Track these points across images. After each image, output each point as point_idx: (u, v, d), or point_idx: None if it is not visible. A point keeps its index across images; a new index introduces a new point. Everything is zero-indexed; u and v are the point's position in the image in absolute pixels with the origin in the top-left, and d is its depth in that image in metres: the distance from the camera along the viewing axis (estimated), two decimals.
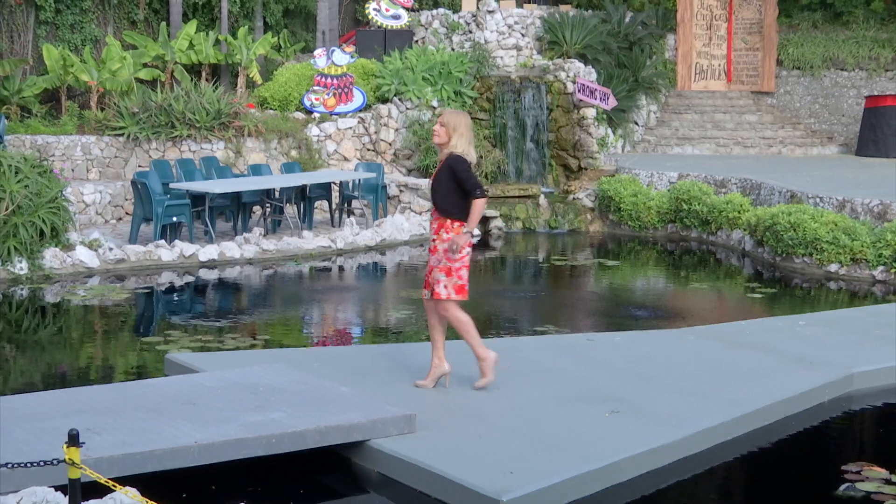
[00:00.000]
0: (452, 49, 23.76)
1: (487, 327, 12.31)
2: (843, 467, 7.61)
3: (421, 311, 13.10)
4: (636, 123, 25.04)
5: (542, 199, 20.47)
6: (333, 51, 21.67)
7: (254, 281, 15.16)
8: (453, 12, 24.79)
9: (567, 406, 8.34)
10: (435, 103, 21.59)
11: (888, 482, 7.35)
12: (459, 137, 8.44)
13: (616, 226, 19.84)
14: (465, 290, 8.61)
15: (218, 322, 12.33)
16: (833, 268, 15.37)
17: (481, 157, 20.78)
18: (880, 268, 15.06)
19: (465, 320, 8.61)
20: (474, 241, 8.93)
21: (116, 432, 7.08)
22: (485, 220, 19.47)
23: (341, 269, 16.32)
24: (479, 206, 8.41)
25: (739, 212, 17.90)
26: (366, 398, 8.02)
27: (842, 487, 7.29)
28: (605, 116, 22.91)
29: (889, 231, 15.11)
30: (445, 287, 8.54)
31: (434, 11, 24.80)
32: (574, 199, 20.63)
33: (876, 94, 25.06)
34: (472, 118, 21.30)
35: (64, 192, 15.29)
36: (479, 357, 8.71)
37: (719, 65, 26.82)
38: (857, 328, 11.25)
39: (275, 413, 7.57)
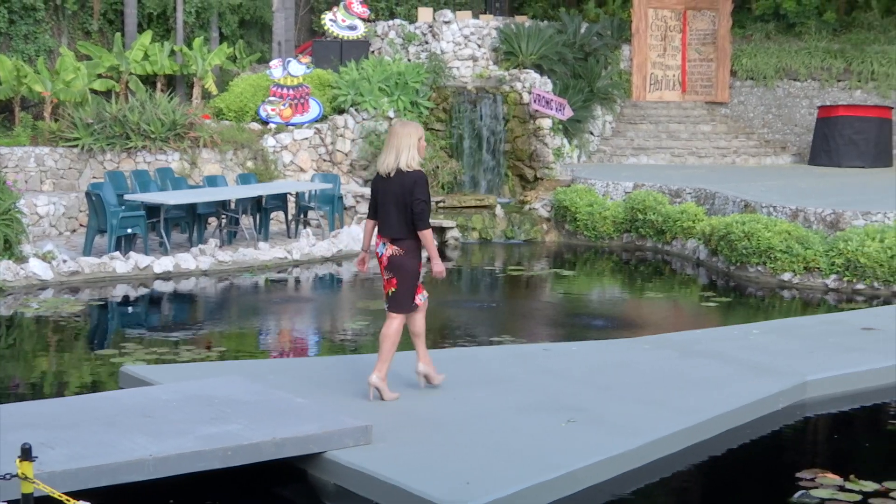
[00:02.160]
0: (409, 60, 23.78)
1: (445, 337, 12.32)
2: (798, 474, 7.67)
3: (377, 322, 13.10)
4: (592, 134, 25.15)
5: (499, 210, 20.52)
6: (289, 61, 21.64)
7: (209, 293, 15.09)
8: (409, 23, 24.82)
9: (524, 415, 8.36)
10: (391, 114, 21.60)
11: (842, 489, 7.41)
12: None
13: (572, 235, 19.92)
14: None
15: (173, 334, 12.27)
16: (786, 276, 15.51)
17: (437, 167, 20.80)
18: (833, 276, 15.20)
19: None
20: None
21: (70, 446, 7.02)
22: (441, 231, 19.49)
23: (297, 280, 16.28)
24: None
25: (694, 221, 18.02)
26: (322, 410, 8.01)
27: (797, 495, 7.35)
28: (560, 127, 23.00)
29: (841, 240, 15.26)
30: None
31: (390, 22, 24.82)
32: (530, 209, 20.70)
33: (828, 104, 25.32)
34: (427, 129, 21.53)
35: (17, 204, 15.17)
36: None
37: (674, 75, 27.01)
38: (811, 336, 11.35)
39: (231, 425, 7.54)
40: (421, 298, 8.78)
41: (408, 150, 8.42)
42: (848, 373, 10.00)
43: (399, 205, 8.38)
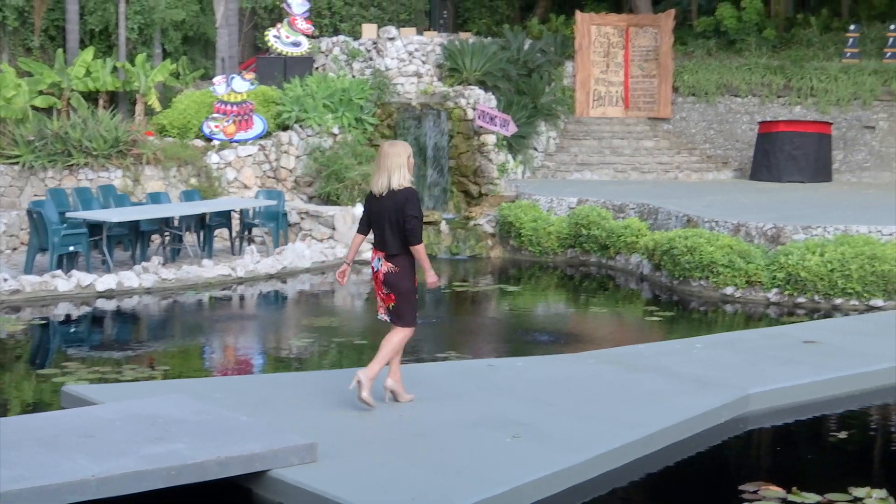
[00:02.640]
0: (353, 76, 23.78)
1: None
2: (741, 487, 7.73)
3: (322, 339, 13.09)
4: (536, 149, 25.27)
5: (444, 226, 20.56)
6: (233, 78, 21.56)
7: (153, 311, 14.99)
8: (354, 39, 24.82)
9: (469, 431, 8.37)
10: (336, 130, 21.59)
11: (785, 501, 7.49)
12: None
13: (517, 251, 19.98)
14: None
15: (116, 353, 12.17)
16: (729, 290, 15.65)
17: None
18: (774, 290, 15.37)
19: None
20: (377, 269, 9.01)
21: (12, 467, 6.94)
22: None
23: (242, 297, 16.21)
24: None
25: (637, 236, 18.15)
26: (267, 428, 7.98)
27: None
28: (505, 143, 23.10)
29: (782, 254, 15.44)
30: None
31: (334, 38, 24.81)
32: (475, 224, 20.75)
33: (768, 119, 25.60)
34: (372, 145, 21.54)
35: None
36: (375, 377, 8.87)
37: (617, 91, 27.21)
38: (753, 349, 11.46)
39: (175, 444, 7.49)
40: (387, 318, 9.12)
41: (399, 169, 8.74)
42: (789, 386, 10.11)
43: (392, 222, 8.73)
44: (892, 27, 26.58)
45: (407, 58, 24.43)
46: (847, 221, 16.53)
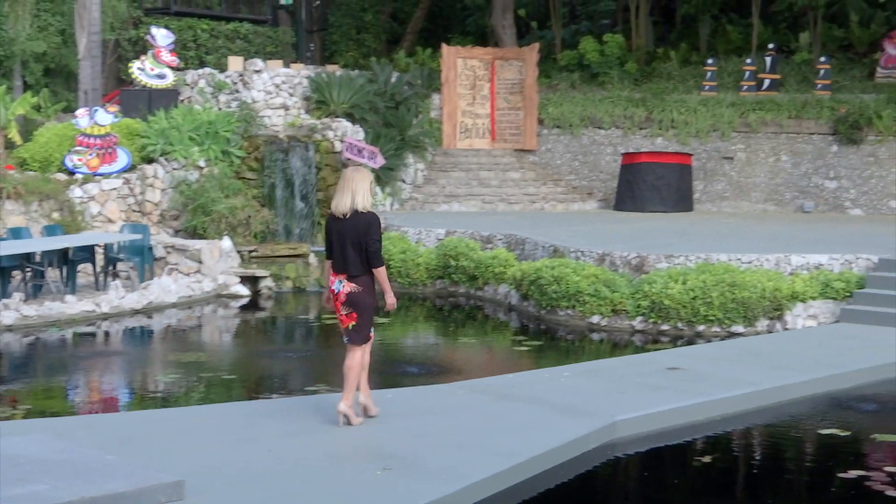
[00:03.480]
0: (219, 108, 23.62)
1: (259, 389, 12.21)
2: None
3: (190, 375, 12.91)
4: (404, 181, 25.37)
5: (312, 258, 20.49)
6: (96, 110, 21.24)
7: (14, 349, 14.62)
8: (220, 71, 24.66)
9: (338, 465, 8.34)
10: (202, 163, 21.39)
11: None
12: None
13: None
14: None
15: None
16: (595, 319, 15.89)
17: (249, 217, 20.64)
18: (639, 318, 15.65)
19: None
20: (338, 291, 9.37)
21: None
22: (254, 280, 19.35)
23: (107, 333, 15.91)
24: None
25: (505, 267, 18.32)
26: (133, 466, 7.83)
27: None
28: (373, 175, 23.12)
29: (646, 283, 15.74)
30: None
31: (200, 70, 24.61)
32: None
33: (631, 150, 26.12)
34: (239, 178, 21.39)
35: None
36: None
37: (483, 124, 27.50)
38: (619, 377, 11.64)
39: (37, 485, 7.30)
40: (345, 339, 9.45)
41: (362, 193, 9.06)
42: (655, 412, 10.29)
43: (355, 244, 9.05)
44: (748, 61, 27.38)
45: (274, 90, 24.36)
46: (708, 250, 16.92)
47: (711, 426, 10.43)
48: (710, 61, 27.70)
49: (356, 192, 9.04)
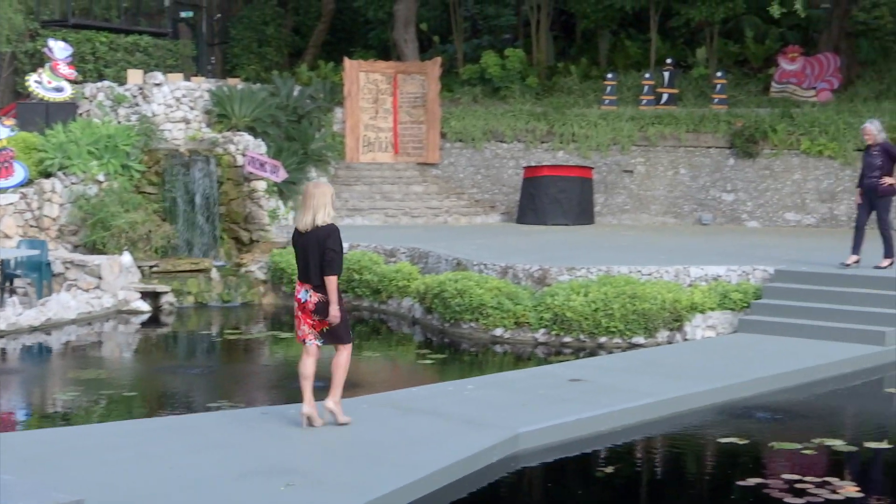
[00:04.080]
0: (119, 122, 23.32)
1: (160, 406, 12.08)
2: None
3: (89, 393, 12.72)
4: None
5: (214, 273, 20.31)
6: None
7: None
8: (119, 85, 24.35)
9: (242, 482, 8.27)
10: (101, 177, 21.09)
11: None
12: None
13: (289, 298, 19.85)
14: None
15: None
16: (498, 332, 15.99)
17: (150, 231, 20.41)
18: (542, 330, 15.77)
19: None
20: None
21: None
22: (155, 296, 19.14)
23: (3, 351, 15.59)
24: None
25: (409, 280, 18.35)
26: (32, 486, 7.70)
27: None
28: (275, 189, 23.02)
29: (549, 295, 15.87)
30: None
31: (99, 84, 24.27)
32: (247, 271, 20.58)
33: (533, 164, 26.32)
34: (139, 192, 21.14)
35: None
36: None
37: (386, 137, 27.54)
38: (522, 389, 11.72)
39: None
40: (319, 342, 9.93)
41: (323, 208, 9.58)
42: (558, 423, 10.38)
43: (316, 256, 9.57)
44: (646, 76, 27.78)
45: (174, 104, 24.13)
46: (609, 262, 17.12)
47: (613, 437, 10.56)
48: (609, 76, 28.05)
49: (317, 209, 9.54)
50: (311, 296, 9.74)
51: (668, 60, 28.09)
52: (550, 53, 31.21)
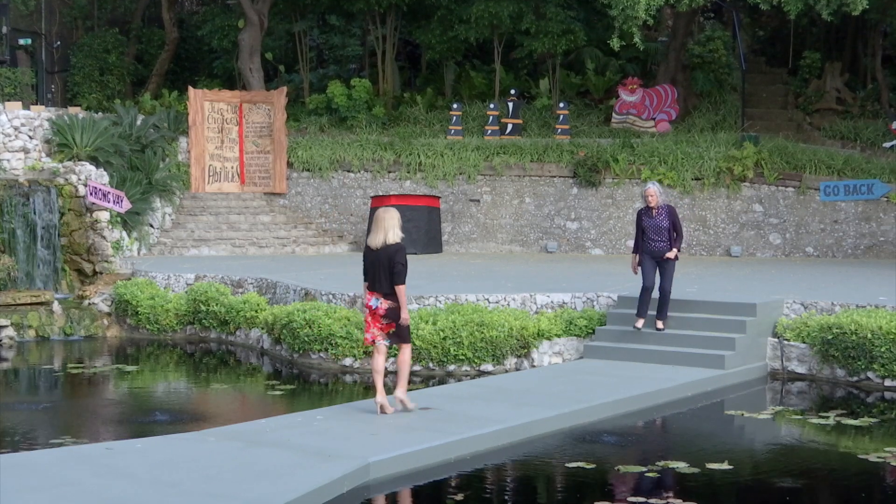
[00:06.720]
0: None
1: (0, 443, 11.73)
2: None
3: None
4: (152, 226, 24.90)
5: (56, 306, 19.82)
6: None
7: None
8: None
9: None
10: None
11: None
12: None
13: (134, 330, 19.55)
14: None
15: None
16: (348, 361, 15.96)
17: None
18: (392, 359, 15.75)
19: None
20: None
21: None
22: None
23: None
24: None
25: (257, 311, 18.20)
26: None
27: None
28: (119, 219, 22.62)
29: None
30: None
31: None
32: (90, 304, 20.14)
33: (380, 193, 26.39)
34: None
35: None
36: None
37: (232, 167, 27.30)
38: (372, 418, 11.71)
39: None
40: (387, 342, 11.76)
41: (392, 229, 11.50)
42: (408, 452, 10.40)
43: (386, 269, 11.45)
44: (491, 106, 28.14)
45: (13, 132, 23.54)
46: (457, 291, 17.25)
47: (464, 464, 10.63)
48: (455, 106, 28.32)
49: (388, 230, 11.47)
50: (381, 303, 11.53)
51: (513, 91, 28.51)
52: (396, 83, 31.37)
